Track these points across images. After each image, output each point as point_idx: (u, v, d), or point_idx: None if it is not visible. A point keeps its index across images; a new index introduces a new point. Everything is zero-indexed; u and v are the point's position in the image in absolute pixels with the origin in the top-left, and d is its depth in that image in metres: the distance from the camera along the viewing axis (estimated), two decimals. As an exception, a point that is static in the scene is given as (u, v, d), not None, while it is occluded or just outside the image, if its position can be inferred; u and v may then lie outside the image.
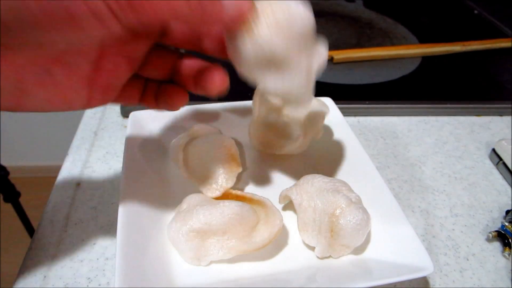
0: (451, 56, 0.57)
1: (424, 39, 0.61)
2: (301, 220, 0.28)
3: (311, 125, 0.33)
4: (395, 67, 0.53)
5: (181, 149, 0.30)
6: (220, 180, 0.29)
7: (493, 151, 0.40)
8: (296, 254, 0.28)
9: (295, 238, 0.29)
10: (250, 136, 0.34)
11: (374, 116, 0.45)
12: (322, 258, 0.27)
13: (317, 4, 0.70)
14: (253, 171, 0.34)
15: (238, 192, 0.29)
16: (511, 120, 0.47)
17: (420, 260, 0.25)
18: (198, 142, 0.31)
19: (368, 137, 0.42)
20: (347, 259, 0.27)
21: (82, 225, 0.30)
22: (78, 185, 0.33)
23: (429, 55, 0.57)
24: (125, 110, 0.41)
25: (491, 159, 0.40)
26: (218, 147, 0.30)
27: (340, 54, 0.53)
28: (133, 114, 0.34)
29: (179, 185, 0.31)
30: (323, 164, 0.34)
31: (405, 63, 0.55)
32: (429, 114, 0.46)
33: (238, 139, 0.35)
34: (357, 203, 0.28)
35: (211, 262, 0.26)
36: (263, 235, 0.26)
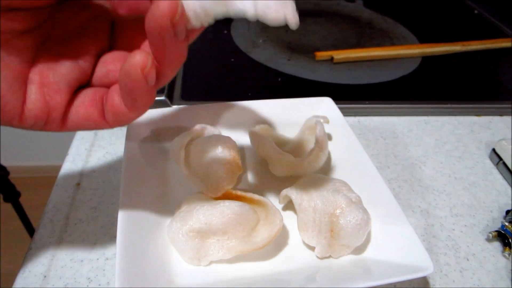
0: (451, 56, 0.57)
1: (424, 39, 0.61)
2: (301, 220, 0.28)
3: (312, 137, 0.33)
4: (395, 67, 0.53)
5: (183, 148, 0.30)
6: (221, 181, 0.29)
7: (493, 151, 0.40)
8: (296, 254, 0.28)
9: (295, 238, 0.29)
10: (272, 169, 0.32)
11: (374, 116, 0.45)
12: (322, 258, 0.27)
13: (317, 4, 0.70)
14: (254, 172, 0.34)
15: (238, 192, 0.29)
16: (511, 120, 0.47)
17: (420, 260, 0.25)
18: (199, 142, 0.31)
19: (368, 137, 0.42)
20: (347, 259, 0.27)
21: (82, 225, 0.30)
22: (78, 185, 0.33)
23: (429, 55, 0.57)
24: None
25: (491, 159, 0.40)
26: (220, 148, 0.30)
27: (340, 54, 0.53)
28: (133, 114, 0.34)
29: (179, 185, 0.31)
30: (323, 164, 0.34)
31: (405, 63, 0.55)
32: (429, 114, 0.46)
33: (238, 139, 0.35)
34: (357, 203, 0.28)
35: (211, 262, 0.26)
36: (263, 235, 0.26)
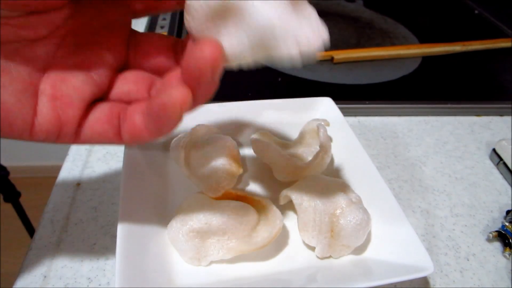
0: (451, 56, 0.57)
1: (424, 39, 0.61)
2: (301, 220, 0.28)
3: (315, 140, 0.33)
4: (395, 67, 0.53)
5: (183, 148, 0.30)
6: (221, 181, 0.29)
7: (494, 151, 0.40)
8: (296, 254, 0.28)
9: (295, 238, 0.29)
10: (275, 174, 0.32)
11: (374, 116, 0.45)
12: (322, 258, 0.27)
13: (317, 4, 0.69)
14: (254, 172, 0.34)
15: (238, 192, 0.29)
16: (511, 120, 0.47)
17: (421, 260, 0.25)
18: (200, 142, 0.31)
19: (368, 137, 0.42)
20: (348, 259, 0.27)
21: (82, 225, 0.30)
22: (78, 185, 0.33)
23: (429, 55, 0.57)
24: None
25: (492, 159, 0.40)
26: (220, 148, 0.30)
27: (340, 54, 0.53)
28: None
29: (179, 185, 0.31)
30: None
31: (405, 63, 0.55)
32: (430, 114, 0.46)
33: (238, 140, 0.35)
34: (358, 203, 0.28)
35: (211, 262, 0.26)
36: (263, 235, 0.26)
